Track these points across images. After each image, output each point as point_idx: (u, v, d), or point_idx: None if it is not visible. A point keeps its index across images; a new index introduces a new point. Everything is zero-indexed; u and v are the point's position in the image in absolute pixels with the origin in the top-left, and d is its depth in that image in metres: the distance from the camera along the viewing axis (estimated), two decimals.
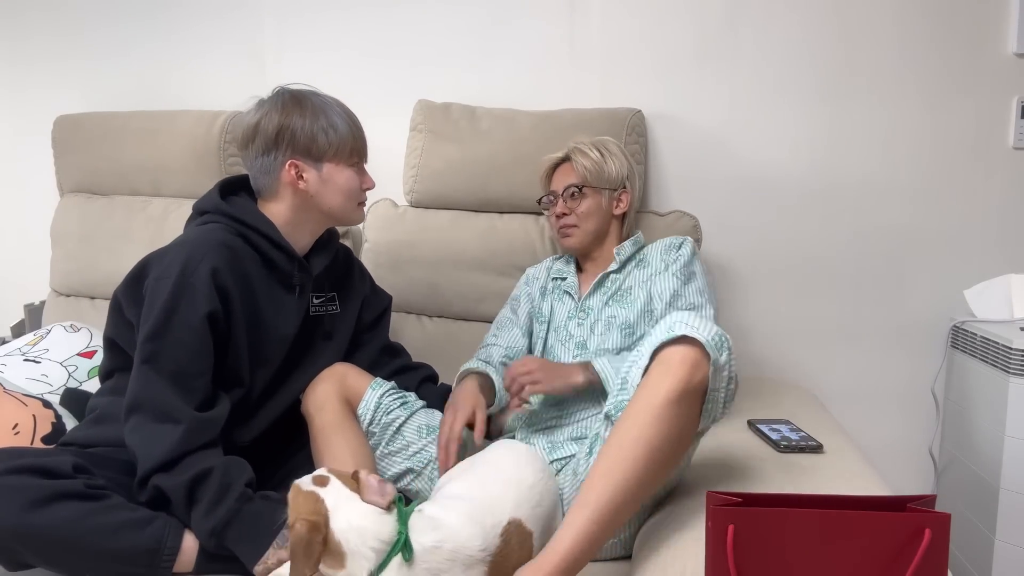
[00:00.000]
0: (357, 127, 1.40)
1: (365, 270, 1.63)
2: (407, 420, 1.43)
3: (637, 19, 1.96)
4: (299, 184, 1.35)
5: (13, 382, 1.59)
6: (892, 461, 1.96)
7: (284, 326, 1.37)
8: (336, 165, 1.36)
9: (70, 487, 1.11)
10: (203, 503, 1.16)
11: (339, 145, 1.35)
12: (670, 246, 1.56)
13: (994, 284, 1.83)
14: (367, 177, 1.43)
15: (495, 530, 1.09)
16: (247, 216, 1.34)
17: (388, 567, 1.00)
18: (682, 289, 1.49)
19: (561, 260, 1.71)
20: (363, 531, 1.00)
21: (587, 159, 1.60)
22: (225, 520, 1.15)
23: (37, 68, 2.27)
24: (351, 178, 1.38)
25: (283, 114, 1.33)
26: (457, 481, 1.21)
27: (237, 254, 1.30)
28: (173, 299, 1.22)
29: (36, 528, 1.06)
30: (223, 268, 1.26)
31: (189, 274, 1.23)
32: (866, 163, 1.93)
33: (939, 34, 1.86)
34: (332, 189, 1.37)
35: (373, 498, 1.04)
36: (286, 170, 1.34)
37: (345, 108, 1.40)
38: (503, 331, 1.62)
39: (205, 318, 1.22)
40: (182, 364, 1.22)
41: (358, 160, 1.40)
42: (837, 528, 0.92)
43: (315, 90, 1.40)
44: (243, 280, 1.30)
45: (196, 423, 1.20)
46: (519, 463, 1.23)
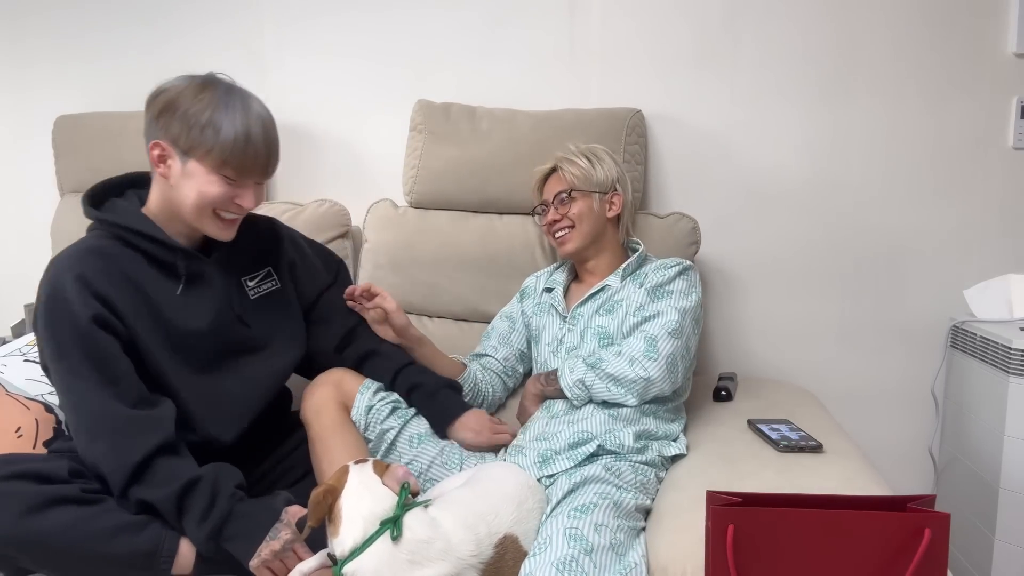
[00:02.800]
0: (252, 144, 1.24)
1: (299, 241, 1.53)
2: (400, 432, 1.44)
3: (637, 19, 1.96)
4: (159, 168, 1.26)
5: (12, 382, 1.59)
6: (892, 461, 1.96)
7: (194, 320, 1.29)
8: (201, 166, 1.23)
9: (66, 492, 1.11)
10: (195, 511, 1.15)
11: (211, 148, 1.21)
12: (664, 265, 1.57)
13: (994, 284, 1.83)
14: (245, 195, 1.27)
15: (490, 540, 1.12)
16: (117, 217, 1.29)
17: (376, 543, 1.04)
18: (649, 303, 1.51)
19: (558, 270, 1.72)
20: (360, 497, 1.07)
21: (574, 167, 1.62)
22: (219, 523, 1.15)
23: (37, 68, 2.27)
24: (212, 185, 1.23)
25: (184, 92, 1.24)
26: (458, 490, 1.24)
27: (111, 258, 1.25)
28: (52, 319, 1.19)
29: (33, 534, 1.06)
30: (91, 274, 1.21)
31: (59, 291, 1.19)
32: (866, 163, 1.93)
33: (939, 34, 1.86)
34: (188, 187, 1.24)
35: (390, 483, 1.11)
36: (150, 147, 1.25)
37: (260, 123, 1.26)
38: (501, 346, 1.68)
39: (90, 322, 1.18)
40: (94, 374, 1.18)
41: (233, 175, 1.24)
42: (837, 528, 0.92)
43: (246, 91, 1.29)
44: (126, 282, 1.24)
45: (139, 422, 1.17)
46: (520, 485, 1.26)
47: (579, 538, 1.11)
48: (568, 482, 1.29)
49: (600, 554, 1.10)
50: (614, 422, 1.43)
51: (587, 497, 1.23)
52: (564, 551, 1.09)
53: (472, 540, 1.10)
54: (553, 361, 1.59)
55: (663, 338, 1.43)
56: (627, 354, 1.43)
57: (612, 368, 1.42)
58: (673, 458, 1.45)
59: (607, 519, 1.17)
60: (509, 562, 1.12)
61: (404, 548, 1.05)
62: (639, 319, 1.49)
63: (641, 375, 1.41)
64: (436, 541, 1.07)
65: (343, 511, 1.06)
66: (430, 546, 1.06)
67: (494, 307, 1.80)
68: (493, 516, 1.15)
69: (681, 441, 1.48)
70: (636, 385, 1.41)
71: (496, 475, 1.29)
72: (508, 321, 1.71)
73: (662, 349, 1.43)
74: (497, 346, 1.68)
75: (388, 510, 1.07)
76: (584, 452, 1.37)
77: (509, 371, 1.68)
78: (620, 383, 1.42)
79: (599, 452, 1.38)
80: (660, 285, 1.52)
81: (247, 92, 1.29)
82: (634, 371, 1.41)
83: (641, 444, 1.41)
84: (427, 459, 1.42)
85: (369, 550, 1.04)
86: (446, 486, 1.30)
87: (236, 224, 1.31)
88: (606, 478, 1.30)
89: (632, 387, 1.41)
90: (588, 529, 1.13)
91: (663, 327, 1.45)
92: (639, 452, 1.40)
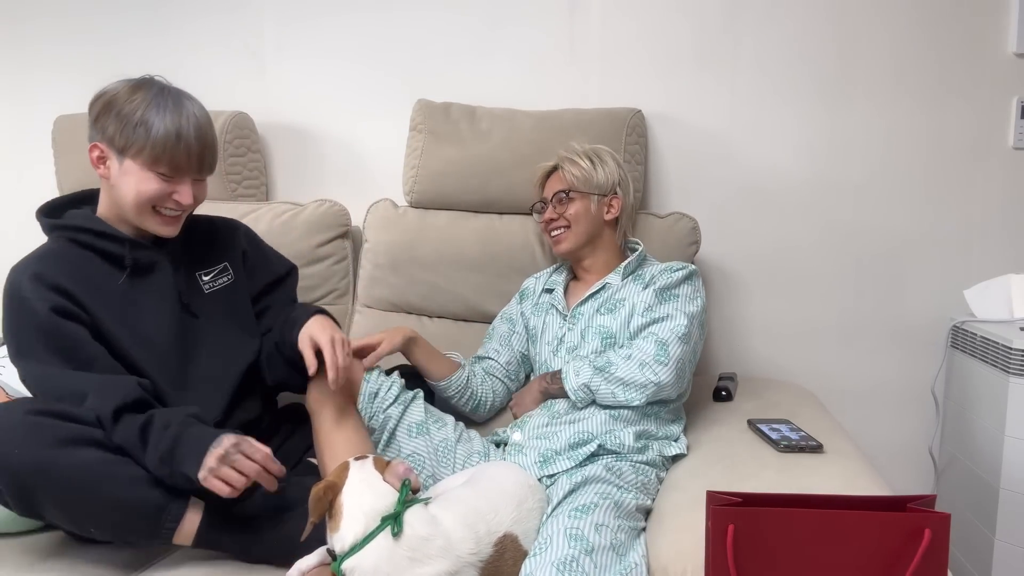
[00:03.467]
0: (184, 141, 1.27)
1: (255, 236, 1.57)
2: (399, 422, 1.43)
3: (637, 20, 1.96)
4: (100, 169, 1.31)
5: (11, 384, 1.59)
6: (892, 461, 1.96)
7: (142, 309, 1.33)
8: (135, 164, 1.27)
9: (93, 434, 1.14)
10: (152, 440, 1.16)
11: (143, 146, 1.25)
12: (670, 268, 1.56)
13: (994, 284, 1.83)
14: (182, 191, 1.30)
15: (489, 538, 1.12)
16: (67, 220, 1.34)
17: (376, 539, 1.04)
18: (657, 305, 1.50)
19: (558, 271, 1.72)
20: (360, 496, 1.08)
21: (576, 167, 1.62)
22: (170, 445, 1.15)
23: (37, 68, 2.27)
24: (147, 182, 1.27)
25: (119, 93, 1.28)
26: (458, 488, 1.24)
27: (64, 257, 1.30)
28: (12, 318, 1.25)
29: (57, 467, 1.09)
30: (46, 271, 1.26)
31: (17, 288, 1.25)
32: (866, 163, 1.93)
33: (938, 34, 1.86)
34: (126, 186, 1.28)
35: (391, 479, 1.11)
36: (90, 149, 1.30)
37: (192, 121, 1.29)
38: (504, 349, 1.68)
39: (50, 312, 1.22)
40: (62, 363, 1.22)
41: (166, 173, 1.27)
42: (837, 528, 0.92)
43: (181, 92, 1.32)
44: (80, 277, 1.28)
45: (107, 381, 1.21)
46: (520, 484, 1.26)
47: (580, 538, 1.11)
48: (569, 482, 1.29)
49: (600, 554, 1.10)
50: (614, 422, 1.43)
51: (588, 497, 1.23)
52: (564, 551, 1.09)
53: (472, 538, 1.10)
54: (553, 360, 1.59)
55: (673, 342, 1.43)
56: (637, 358, 1.43)
57: (622, 372, 1.42)
58: (673, 458, 1.46)
59: (608, 519, 1.17)
60: (509, 561, 1.12)
61: (404, 545, 1.05)
62: (647, 320, 1.48)
63: (652, 379, 1.41)
64: (436, 538, 1.07)
65: (344, 507, 1.07)
66: (430, 543, 1.06)
67: (494, 307, 1.80)
68: (493, 515, 1.15)
69: (681, 441, 1.48)
70: (646, 389, 1.41)
71: (496, 474, 1.29)
72: (508, 323, 1.71)
73: (672, 353, 1.42)
74: (499, 349, 1.68)
75: (389, 506, 1.07)
76: (585, 452, 1.37)
77: (512, 375, 1.68)
78: (630, 386, 1.41)
79: (600, 452, 1.38)
80: (667, 288, 1.51)
81: (182, 92, 1.33)
82: (644, 375, 1.41)
83: (642, 444, 1.41)
84: (425, 451, 1.42)
85: (369, 546, 1.04)
86: (447, 484, 1.31)
87: (179, 220, 1.35)
88: (607, 478, 1.30)
89: (642, 391, 1.41)
90: (589, 529, 1.13)
91: (673, 331, 1.44)
92: (640, 452, 1.40)
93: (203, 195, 1.36)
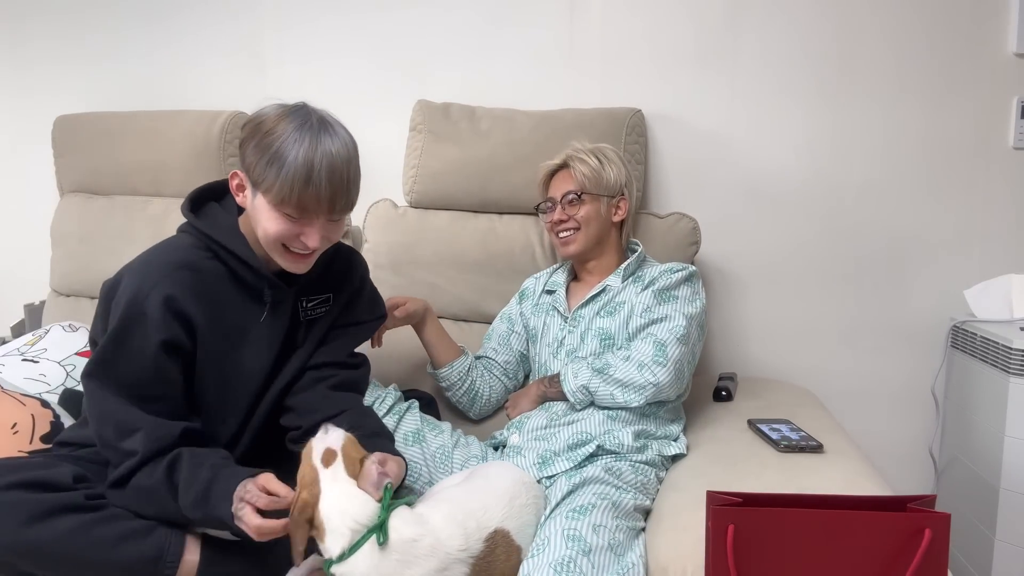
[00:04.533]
0: (313, 184, 1.16)
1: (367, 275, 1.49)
2: (394, 432, 1.43)
3: (637, 19, 1.96)
4: (239, 197, 1.25)
5: (11, 382, 1.59)
6: (892, 461, 1.96)
7: (255, 356, 1.29)
8: (266, 202, 1.19)
9: (69, 500, 1.10)
10: (180, 484, 1.12)
11: (271, 184, 1.17)
12: (670, 269, 1.55)
13: (994, 284, 1.83)
14: (310, 234, 1.21)
15: (478, 535, 1.12)
16: (214, 230, 1.26)
17: (361, 549, 1.03)
18: (656, 306, 1.49)
19: (558, 271, 1.71)
20: (344, 513, 1.05)
21: (585, 166, 1.59)
22: (205, 489, 1.10)
23: (37, 69, 2.27)
24: (275, 222, 1.20)
25: (266, 120, 1.20)
26: (450, 488, 1.25)
27: (202, 275, 1.23)
28: (124, 325, 1.17)
29: (35, 543, 1.05)
30: (180, 294, 1.19)
31: (141, 300, 1.17)
32: (866, 163, 1.93)
33: (939, 34, 1.86)
34: (257, 221, 1.22)
35: (368, 488, 1.08)
36: (230, 176, 1.25)
37: (327, 159, 1.18)
38: (502, 349, 1.68)
39: (159, 345, 1.16)
40: (135, 388, 1.16)
41: (294, 215, 1.19)
42: (837, 528, 0.92)
43: (326, 122, 1.22)
44: (212, 303, 1.23)
45: (155, 426, 1.15)
46: (514, 481, 1.26)
47: (577, 539, 1.11)
48: (568, 483, 1.29)
49: (598, 555, 1.10)
50: (613, 422, 1.43)
51: (586, 498, 1.23)
52: (562, 552, 1.09)
53: (460, 535, 1.09)
54: (553, 362, 1.58)
55: (672, 343, 1.43)
56: (636, 359, 1.43)
57: (621, 373, 1.42)
58: (673, 458, 1.45)
59: (606, 520, 1.17)
60: (500, 556, 1.12)
61: (392, 549, 1.04)
62: (646, 320, 1.48)
63: (651, 380, 1.41)
64: (424, 538, 1.07)
65: (325, 523, 1.04)
66: (418, 544, 1.06)
67: (494, 307, 1.80)
68: (483, 512, 1.15)
69: (681, 441, 1.48)
70: (645, 390, 1.41)
71: (490, 473, 1.29)
72: (507, 323, 1.71)
73: (671, 354, 1.42)
74: (498, 348, 1.68)
75: (372, 514, 1.05)
76: (584, 453, 1.37)
77: (510, 375, 1.68)
78: (628, 388, 1.41)
79: (599, 452, 1.38)
80: (666, 289, 1.51)
81: (327, 123, 1.21)
82: (643, 376, 1.41)
83: (641, 443, 1.41)
84: (421, 459, 1.42)
85: (357, 555, 1.03)
86: (443, 485, 1.31)
87: (309, 259, 1.26)
88: (605, 479, 1.30)
89: (641, 392, 1.41)
90: (586, 530, 1.13)
91: (671, 332, 1.44)
92: (639, 452, 1.40)
93: (337, 235, 1.27)
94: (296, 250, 1.24)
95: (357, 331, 1.44)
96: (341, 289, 1.40)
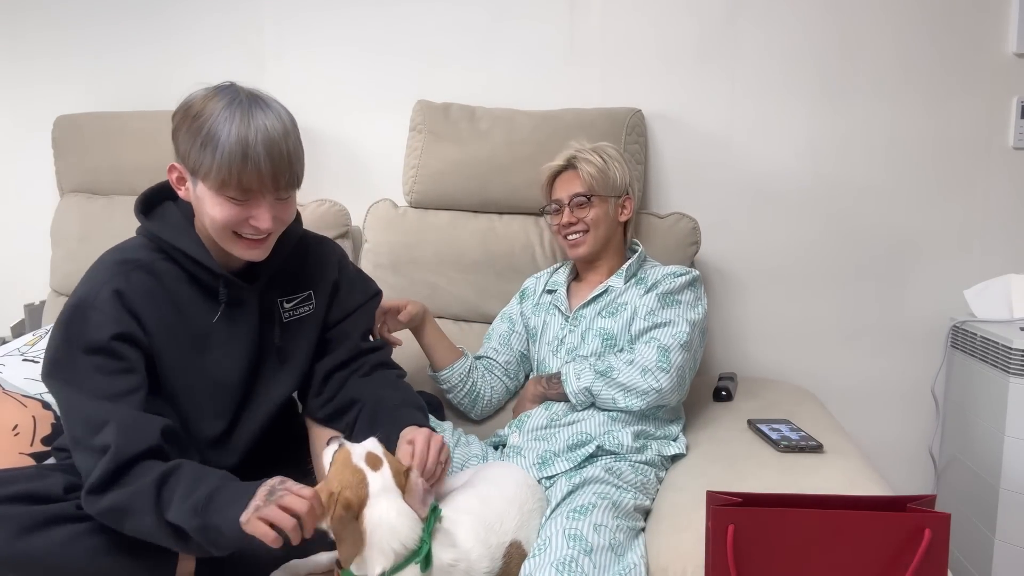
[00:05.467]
0: (251, 161, 1.10)
1: (346, 261, 1.43)
2: None
3: (637, 18, 1.96)
4: (180, 191, 1.19)
5: (11, 382, 1.59)
6: (892, 461, 1.96)
7: (230, 342, 1.24)
8: (207, 190, 1.13)
9: (62, 511, 1.09)
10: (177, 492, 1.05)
11: (208, 169, 1.11)
12: (673, 273, 1.55)
13: (994, 284, 1.83)
14: (259, 215, 1.14)
15: (499, 551, 1.12)
16: (163, 230, 1.21)
17: (403, 572, 1.00)
18: (659, 310, 1.49)
19: (559, 271, 1.71)
20: (395, 531, 1.00)
21: (592, 166, 1.57)
22: (208, 495, 1.04)
23: (37, 68, 2.27)
24: (219, 207, 1.13)
25: (194, 103, 1.14)
26: (460, 494, 1.21)
27: (156, 277, 1.18)
28: (72, 320, 1.12)
29: (28, 555, 1.04)
30: (130, 291, 1.14)
31: (91, 297, 1.13)
32: (866, 163, 1.93)
33: (939, 34, 1.86)
34: (202, 212, 1.16)
35: (415, 504, 1.04)
36: (169, 174, 1.18)
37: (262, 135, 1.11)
38: (503, 348, 1.68)
39: (112, 337, 1.11)
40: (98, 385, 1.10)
41: (237, 197, 1.13)
42: (837, 528, 0.92)
43: (257, 98, 1.16)
44: (166, 303, 1.18)
45: (126, 416, 1.08)
46: (520, 485, 1.25)
47: (578, 538, 1.11)
48: (568, 484, 1.29)
49: (600, 554, 1.10)
50: (612, 423, 1.43)
51: (586, 497, 1.23)
52: (564, 551, 1.09)
53: (487, 556, 1.09)
54: (552, 360, 1.58)
55: (675, 349, 1.43)
56: (639, 364, 1.42)
57: (624, 377, 1.42)
58: (673, 458, 1.45)
59: (606, 519, 1.17)
60: (514, 569, 1.12)
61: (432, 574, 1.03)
62: (649, 324, 1.48)
63: (653, 386, 1.40)
64: (460, 562, 1.05)
65: (369, 534, 0.99)
66: (455, 569, 1.04)
67: (494, 307, 1.80)
68: (499, 524, 1.14)
69: (680, 441, 1.48)
70: (648, 396, 1.41)
71: (496, 476, 1.28)
72: (508, 323, 1.71)
73: (674, 360, 1.42)
74: (498, 348, 1.68)
75: (416, 537, 1.01)
76: (583, 453, 1.37)
77: (511, 375, 1.67)
78: (631, 392, 1.41)
79: (598, 453, 1.38)
80: (669, 293, 1.51)
81: (257, 99, 1.16)
82: (647, 381, 1.41)
83: (640, 444, 1.41)
84: None
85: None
86: (449, 485, 1.29)
87: (264, 243, 1.20)
88: (605, 478, 1.30)
89: (643, 397, 1.41)
90: (587, 529, 1.13)
91: (675, 337, 1.44)
92: (638, 452, 1.40)
93: (289, 214, 1.21)
94: (248, 235, 1.17)
95: (358, 317, 1.39)
96: (319, 284, 1.35)
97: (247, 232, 1.16)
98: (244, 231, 1.16)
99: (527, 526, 1.18)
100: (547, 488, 1.33)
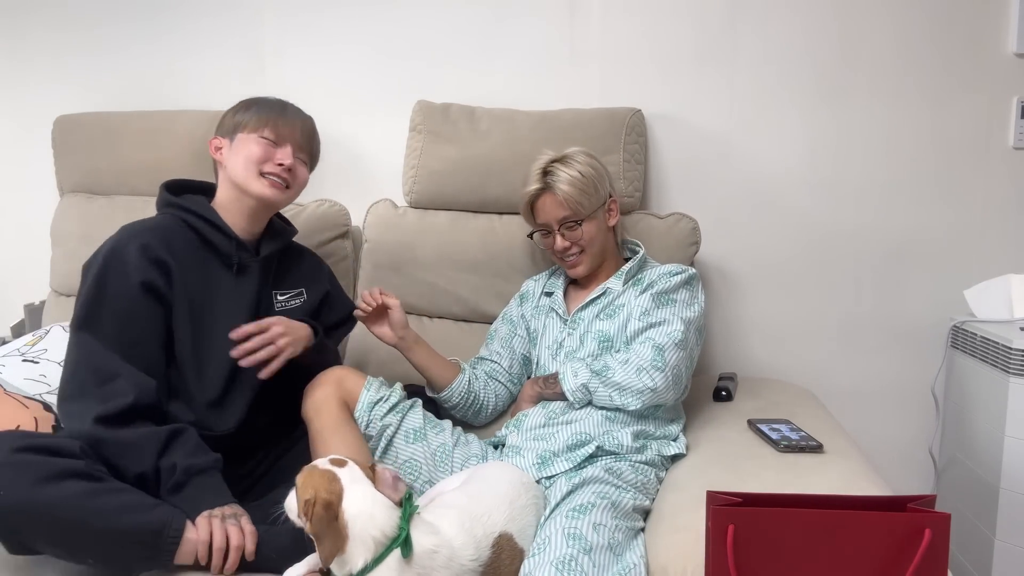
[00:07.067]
0: (280, 113, 1.47)
1: (335, 279, 1.68)
2: (397, 430, 1.44)
3: (637, 19, 1.96)
4: (217, 156, 1.48)
5: (11, 382, 1.59)
6: (892, 461, 1.96)
7: (231, 309, 1.41)
8: (246, 135, 1.44)
9: (78, 466, 1.13)
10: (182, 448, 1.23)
11: (249, 120, 1.44)
12: (669, 272, 1.55)
13: (994, 284, 1.83)
14: (280, 152, 1.45)
15: (486, 541, 1.12)
16: (188, 203, 1.44)
17: (386, 561, 1.01)
18: (654, 310, 1.49)
19: (556, 273, 1.72)
20: (372, 518, 1.02)
21: (570, 187, 1.52)
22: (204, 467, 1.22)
23: (37, 68, 2.27)
24: (253, 145, 1.43)
25: (237, 104, 1.49)
26: (451, 492, 1.24)
27: (173, 233, 1.39)
28: (103, 271, 1.31)
29: (44, 505, 1.07)
30: (154, 244, 1.34)
31: (120, 250, 1.33)
32: (866, 163, 1.93)
33: (939, 34, 1.86)
34: (236, 159, 1.44)
35: (386, 491, 1.07)
36: (210, 147, 1.48)
37: (298, 109, 1.52)
38: (505, 352, 1.68)
39: (139, 286, 1.30)
40: (118, 329, 1.29)
41: (271, 137, 1.44)
42: (837, 528, 0.92)
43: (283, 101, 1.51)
44: (187, 257, 1.38)
45: (141, 380, 1.26)
46: (513, 483, 1.26)
47: (578, 537, 1.11)
48: (567, 483, 1.29)
49: (599, 553, 1.10)
50: (611, 423, 1.43)
51: (586, 497, 1.23)
52: (563, 550, 1.09)
53: (471, 544, 1.09)
54: (552, 364, 1.58)
55: (670, 348, 1.43)
56: (634, 363, 1.42)
57: (619, 376, 1.42)
58: (673, 458, 1.45)
59: (605, 519, 1.17)
60: (506, 560, 1.12)
61: (414, 562, 1.03)
62: (644, 324, 1.48)
63: (648, 385, 1.41)
64: (441, 549, 1.06)
65: (349, 526, 1.01)
66: (436, 555, 1.05)
67: (494, 308, 1.80)
68: (487, 516, 1.15)
69: (680, 441, 1.48)
70: (643, 395, 1.41)
71: (490, 475, 1.29)
72: (509, 324, 1.71)
73: (669, 359, 1.42)
74: (500, 351, 1.67)
75: (394, 525, 1.04)
76: (583, 454, 1.37)
77: (515, 379, 1.67)
78: (626, 391, 1.41)
79: (598, 453, 1.38)
80: (665, 292, 1.51)
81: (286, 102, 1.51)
82: (641, 381, 1.41)
83: (640, 444, 1.41)
84: (422, 457, 1.42)
85: (381, 568, 1.01)
86: (443, 487, 1.31)
87: (283, 189, 1.45)
88: (605, 478, 1.30)
89: (639, 396, 1.41)
90: (587, 528, 1.13)
91: (670, 336, 1.44)
92: (638, 452, 1.40)
93: (301, 181, 1.50)
94: (273, 176, 1.43)
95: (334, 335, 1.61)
96: (312, 285, 1.58)
97: (271, 170, 1.43)
98: (269, 169, 1.43)
99: (519, 520, 1.18)
100: (547, 488, 1.34)
